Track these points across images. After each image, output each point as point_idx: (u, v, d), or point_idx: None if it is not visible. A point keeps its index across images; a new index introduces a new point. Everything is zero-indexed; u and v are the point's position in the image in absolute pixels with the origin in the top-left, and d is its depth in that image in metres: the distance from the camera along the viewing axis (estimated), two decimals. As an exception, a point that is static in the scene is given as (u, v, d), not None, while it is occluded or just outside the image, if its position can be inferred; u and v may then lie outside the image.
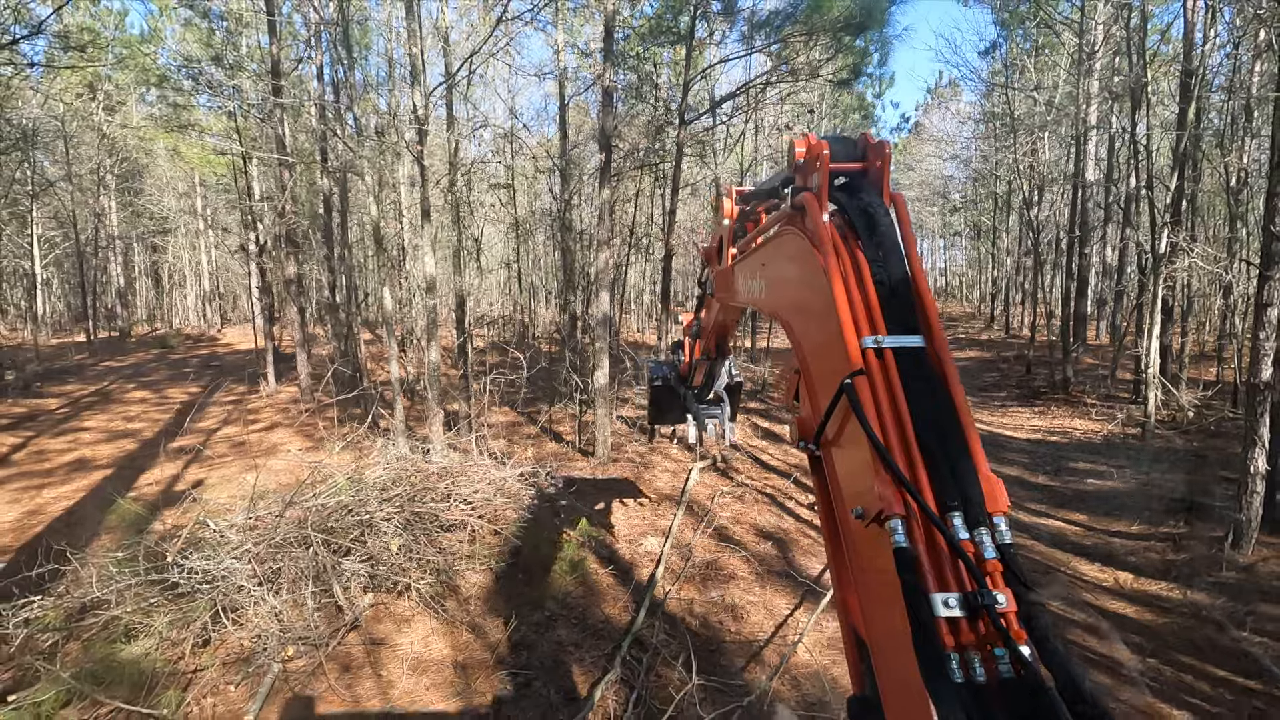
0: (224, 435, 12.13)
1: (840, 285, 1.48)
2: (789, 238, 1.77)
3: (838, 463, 1.50)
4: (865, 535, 1.33)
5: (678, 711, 4.33)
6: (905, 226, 1.55)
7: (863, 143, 1.65)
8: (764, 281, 2.06)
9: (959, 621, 1.14)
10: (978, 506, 1.23)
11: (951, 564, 1.19)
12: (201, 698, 4.24)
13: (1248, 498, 6.26)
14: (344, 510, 5.73)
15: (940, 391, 1.36)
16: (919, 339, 1.42)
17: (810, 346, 1.67)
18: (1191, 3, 12.57)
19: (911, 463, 1.28)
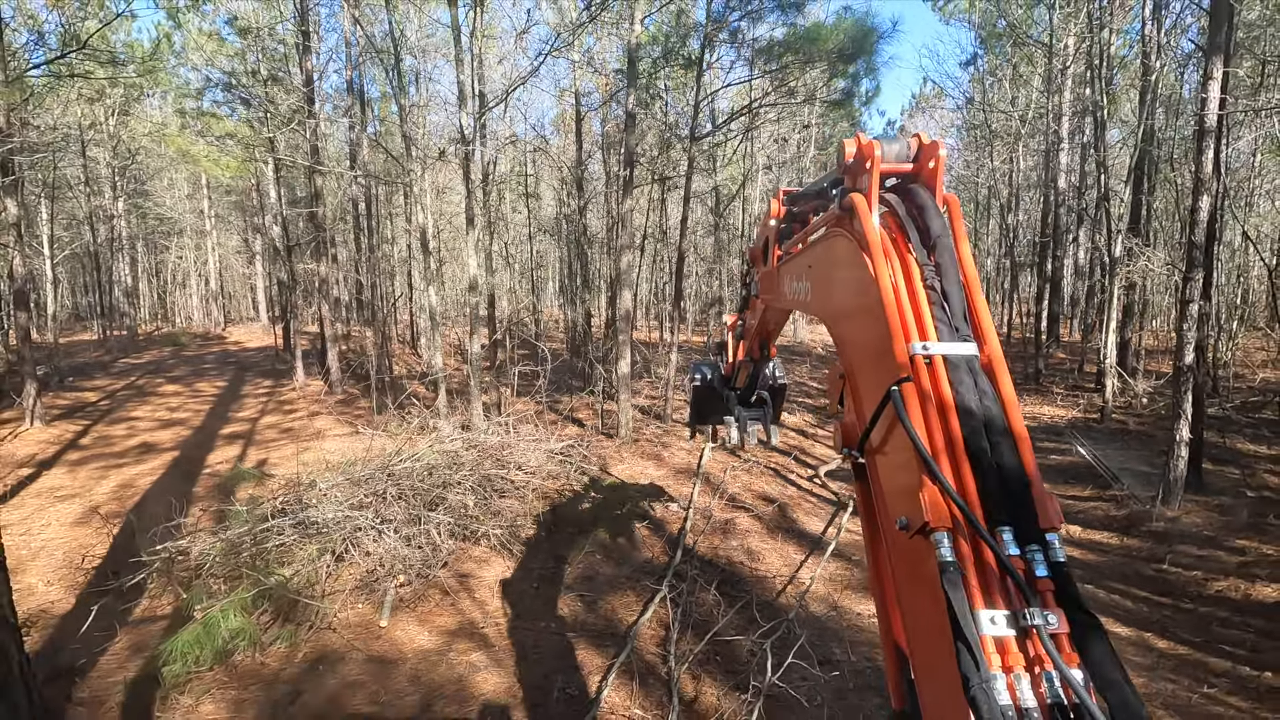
0: (267, 423, 13.13)
1: (889, 289, 1.44)
2: (837, 240, 1.73)
3: (882, 471, 1.45)
4: (909, 547, 1.29)
5: (718, 623, 5.52)
6: (958, 230, 1.50)
7: (915, 143, 1.60)
8: (810, 284, 2.03)
9: (1006, 641, 1.10)
10: (1030, 522, 1.19)
11: (1000, 580, 1.15)
12: (341, 610, 5.37)
13: (1174, 462, 7.56)
14: (427, 472, 6.86)
15: (993, 402, 1.31)
16: (972, 347, 1.38)
17: (856, 351, 1.62)
18: (1147, 30, 13.97)
19: (960, 475, 1.23)
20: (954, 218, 1.52)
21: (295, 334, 17.08)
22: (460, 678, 4.68)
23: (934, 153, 1.55)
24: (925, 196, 1.55)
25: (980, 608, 1.11)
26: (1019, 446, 1.24)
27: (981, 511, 1.19)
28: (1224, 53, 7.42)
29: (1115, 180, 16.04)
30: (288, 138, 16.93)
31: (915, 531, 1.24)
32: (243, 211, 32.33)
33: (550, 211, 20.46)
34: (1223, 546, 6.85)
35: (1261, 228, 15.46)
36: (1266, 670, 4.82)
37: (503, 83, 11.99)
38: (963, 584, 1.12)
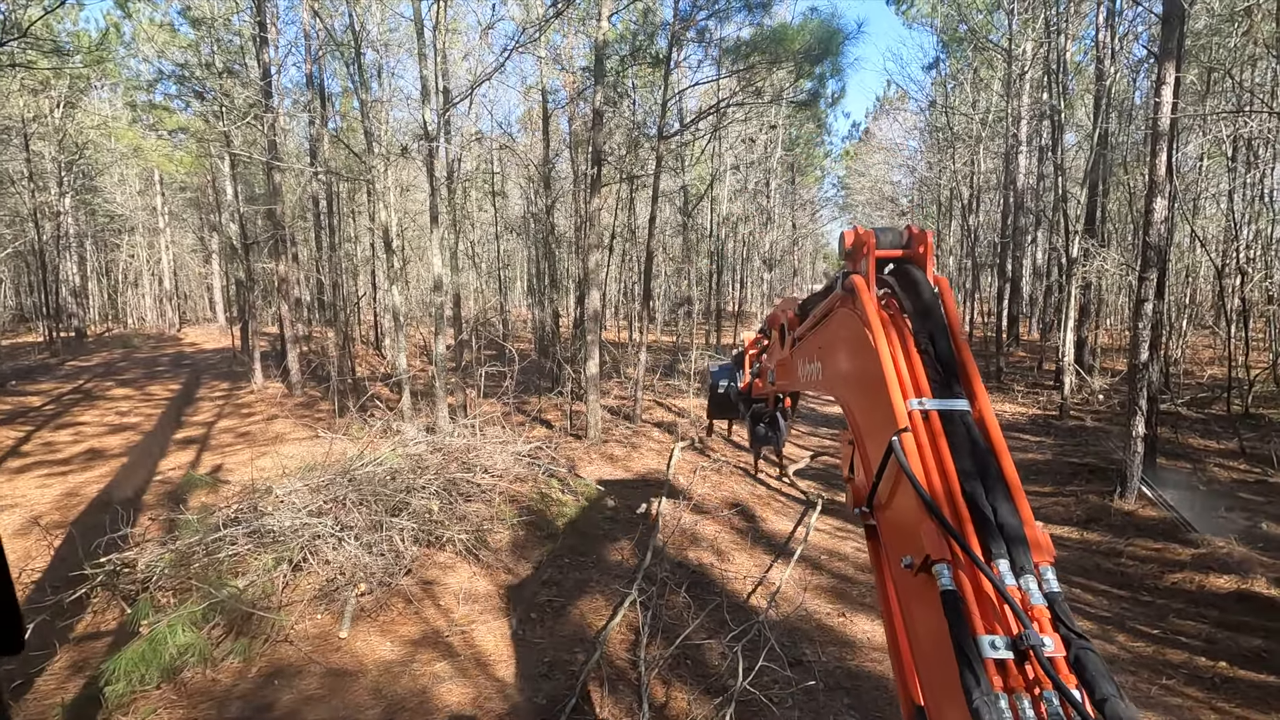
0: (224, 427, 12.71)
1: (887, 354, 1.61)
2: (842, 316, 1.94)
3: (889, 524, 1.56)
4: (915, 585, 1.38)
5: (688, 626, 5.46)
6: (949, 301, 1.70)
7: (907, 233, 1.85)
8: (820, 363, 2.21)
9: (1007, 664, 1.16)
10: (1023, 556, 1.28)
11: (998, 609, 1.23)
12: (299, 621, 5.18)
13: (1130, 456, 7.75)
14: (390, 477, 6.67)
15: (984, 450, 1.44)
16: (964, 402, 1.53)
17: (863, 416, 1.77)
18: (1101, 36, 14.37)
19: (957, 514, 1.34)
20: (944, 292, 1.73)
21: (254, 335, 16.57)
22: (424, 689, 4.54)
23: (924, 239, 1.81)
24: (918, 274, 1.78)
25: (981, 633, 1.19)
26: (1011, 490, 1.37)
27: (978, 547, 1.29)
28: (1175, 58, 7.63)
29: (1072, 183, 16.48)
30: (244, 133, 16.42)
31: (919, 568, 1.33)
32: (198, 209, 31.33)
33: (517, 210, 20.23)
34: (1177, 539, 7.04)
35: (1208, 229, 16.02)
36: (1221, 660, 4.94)
37: (468, 79, 11.79)
38: (963, 611, 1.21)
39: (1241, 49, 12.49)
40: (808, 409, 14.30)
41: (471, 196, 16.82)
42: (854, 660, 5.12)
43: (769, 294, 27.07)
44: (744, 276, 29.02)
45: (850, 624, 5.64)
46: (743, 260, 27.02)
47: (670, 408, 13.12)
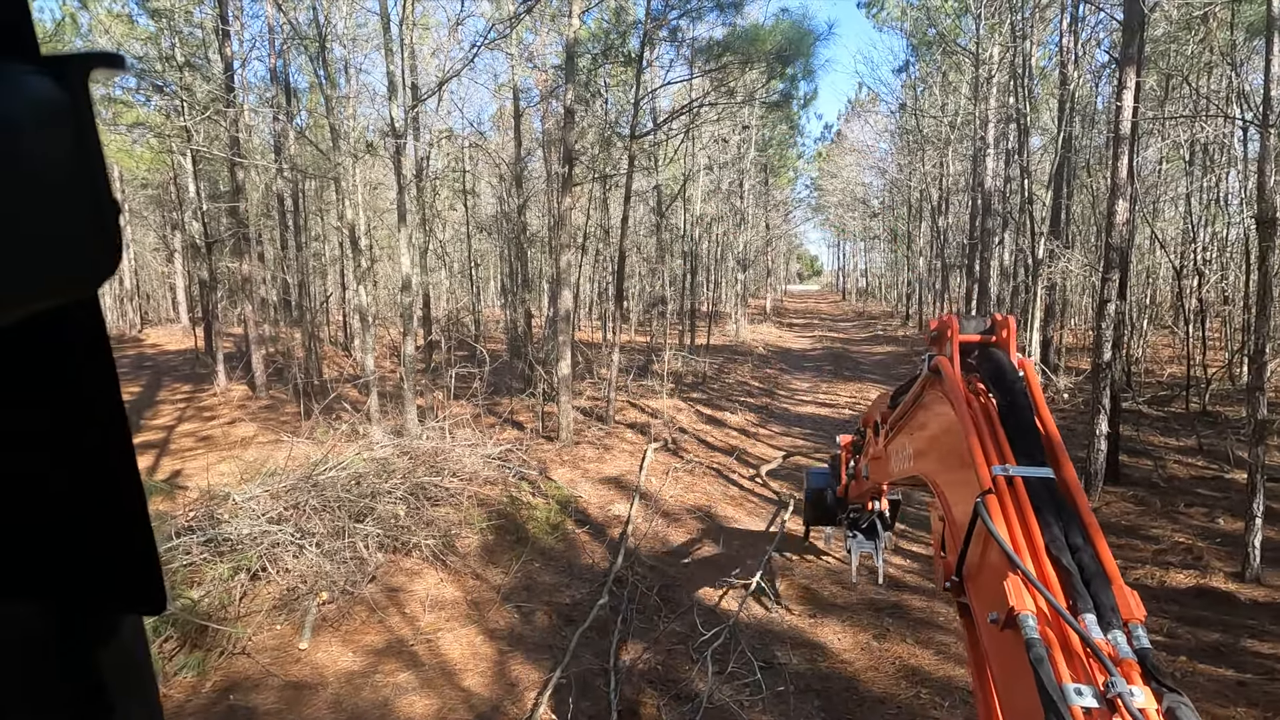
0: (184, 431, 12.36)
1: (971, 425, 1.68)
2: (931, 397, 2.07)
3: (978, 589, 1.58)
4: (1002, 640, 1.38)
5: (659, 630, 5.41)
6: (1033, 383, 1.83)
7: (990, 319, 2.01)
8: (912, 449, 2.34)
9: (1094, 713, 1.16)
10: (1111, 612, 1.30)
11: (1085, 661, 1.24)
12: (257, 633, 5.01)
13: (1094, 454, 7.88)
14: (354, 482, 6.51)
15: (1071, 514, 1.52)
16: (1048, 470, 1.60)
17: (950, 489, 1.84)
18: (1065, 41, 14.66)
19: (1042, 573, 1.38)
20: (1028, 372, 1.86)
21: (218, 336, 16.14)
22: (386, 701, 4.41)
23: (1007, 325, 1.97)
24: (1001, 356, 1.92)
25: (1066, 681, 1.21)
26: (1098, 552, 1.44)
27: (1063, 600, 1.32)
28: (1136, 64, 7.78)
29: (1037, 185, 16.79)
30: (207, 128, 15.98)
31: (1004, 623, 1.35)
32: (160, 206, 30.47)
33: (489, 209, 20.01)
34: (1139, 535, 7.18)
35: (1168, 231, 16.45)
36: (1181, 655, 5.03)
37: (437, 75, 11.61)
38: (1049, 660, 1.23)
39: (1198, 56, 12.83)
40: (780, 409, 14.35)
41: (442, 195, 16.58)
42: (825, 663, 5.10)
43: (743, 294, 27.18)
44: (718, 277, 29.12)
45: (820, 626, 5.63)
46: (717, 260, 27.09)
47: (644, 409, 13.06)
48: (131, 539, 0.38)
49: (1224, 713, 4.36)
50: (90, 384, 0.36)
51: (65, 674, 0.37)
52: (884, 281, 49.11)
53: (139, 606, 0.39)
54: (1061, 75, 14.39)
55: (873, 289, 52.59)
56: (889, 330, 30.49)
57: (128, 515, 0.38)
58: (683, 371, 16.72)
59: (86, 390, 0.36)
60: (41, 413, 0.35)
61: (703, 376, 16.89)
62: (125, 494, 0.38)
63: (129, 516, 0.38)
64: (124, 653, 0.39)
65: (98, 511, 0.37)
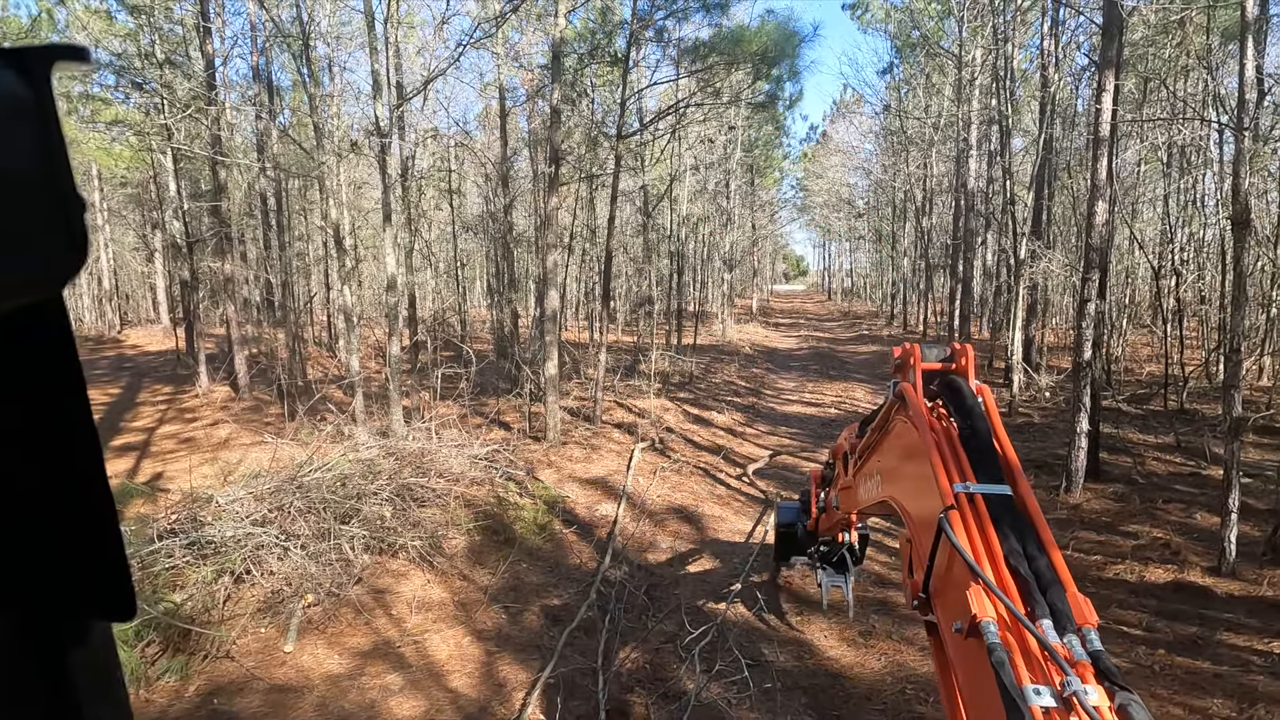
0: (166, 433, 12.20)
1: (934, 447, 1.80)
2: (896, 423, 2.18)
3: (943, 602, 1.68)
4: (966, 648, 1.47)
5: (647, 630, 5.42)
6: (990, 407, 1.95)
7: (950, 349, 2.17)
8: (879, 475, 2.45)
9: (1052, 712, 1.24)
10: (1066, 618, 1.39)
11: (1044, 664, 1.32)
12: (241, 636, 4.96)
13: (1075, 452, 8.00)
14: (340, 483, 6.46)
15: (1028, 527, 1.61)
16: (1006, 487, 1.71)
17: (916, 511, 1.93)
18: (1045, 45, 14.85)
19: (1002, 583, 1.46)
20: (986, 397, 1.97)
21: (199, 337, 15.95)
22: (373, 703, 4.39)
23: (965, 354, 2.08)
24: (961, 383, 2.02)
25: (1026, 683, 1.28)
26: (1054, 563, 1.52)
27: (1022, 607, 1.40)
28: (1114, 67, 7.91)
29: (1019, 186, 16.99)
30: (188, 126, 15.78)
31: (968, 631, 1.42)
32: (140, 205, 30.04)
33: (475, 209, 19.93)
34: (1119, 531, 7.29)
35: (1146, 232, 16.71)
36: (1159, 649, 5.11)
37: (422, 74, 11.55)
38: (1010, 664, 1.30)
39: (1175, 60, 13.05)
40: (767, 408, 14.42)
41: (427, 194, 16.49)
42: (812, 660, 5.14)
43: (729, 294, 27.26)
44: (705, 277, 29.20)
45: (808, 624, 5.67)
46: (703, 260, 27.16)
47: (631, 408, 13.07)
48: (100, 544, 0.37)
49: (1201, 704, 4.44)
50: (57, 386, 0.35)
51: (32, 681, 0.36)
52: (869, 281, 49.42)
53: (108, 613, 0.38)
54: (1042, 78, 14.58)
55: (858, 289, 52.94)
56: (874, 330, 30.71)
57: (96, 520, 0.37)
58: (670, 371, 16.75)
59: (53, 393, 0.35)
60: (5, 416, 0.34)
61: (689, 376, 16.93)
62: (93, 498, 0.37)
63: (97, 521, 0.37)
64: (93, 660, 0.38)
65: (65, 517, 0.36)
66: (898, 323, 30.80)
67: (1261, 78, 9.87)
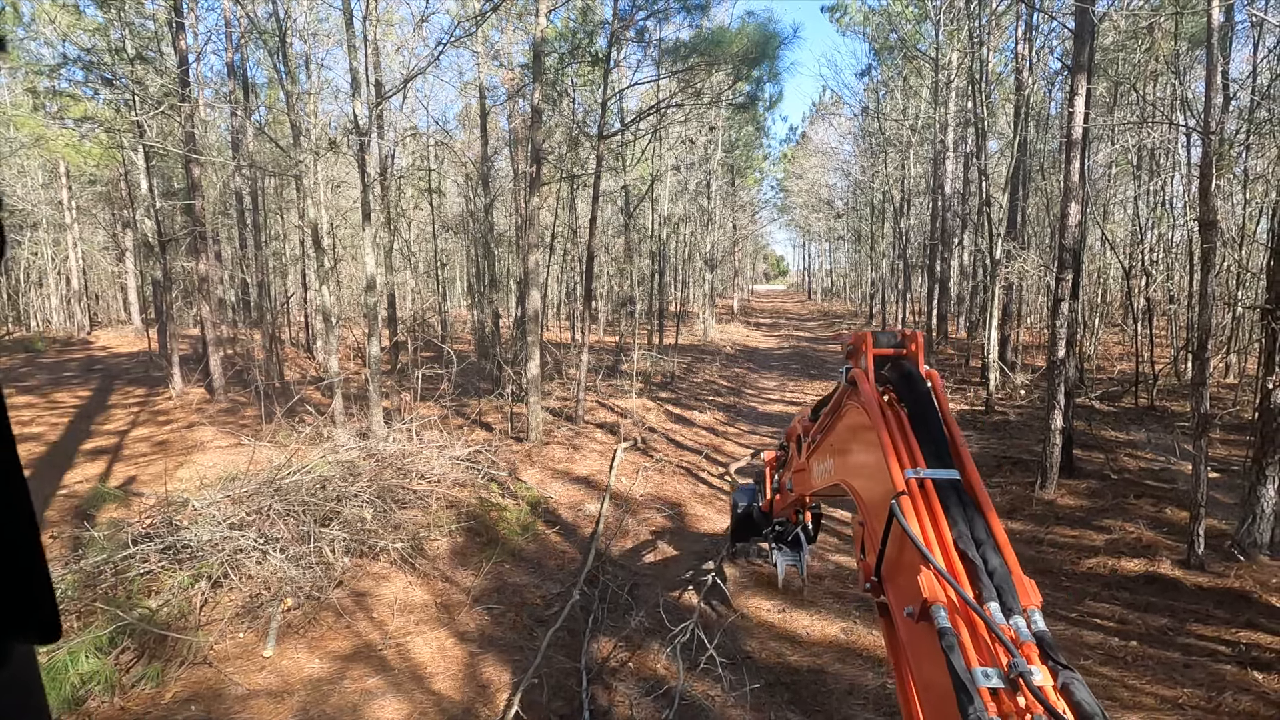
0: (139, 436, 11.96)
1: (885, 432, 1.82)
2: (848, 408, 2.20)
3: (894, 586, 1.71)
4: (917, 632, 1.50)
5: (630, 629, 5.42)
6: (940, 392, 1.96)
7: (901, 334, 2.18)
8: (832, 458, 2.47)
9: (1001, 694, 1.27)
10: (1012, 600, 1.42)
11: (991, 646, 1.35)
12: (219, 641, 4.89)
13: (1050, 448, 8.15)
14: (319, 485, 6.39)
15: (976, 513, 1.63)
16: (954, 472, 1.73)
17: (868, 496, 1.95)
18: (1019, 49, 15.10)
19: (950, 564, 1.50)
20: (935, 382, 1.99)
21: (172, 338, 15.65)
22: (355, 706, 4.35)
23: (915, 339, 2.11)
24: (912, 368, 2.03)
25: (975, 665, 1.31)
26: (1000, 545, 1.54)
27: (970, 590, 1.43)
28: (1086, 71, 8.07)
29: (995, 187, 17.26)
30: (160, 123, 15.48)
31: (920, 615, 1.46)
32: (110, 203, 29.40)
33: (455, 208, 19.78)
34: (1092, 526, 7.44)
35: (1117, 233, 17.07)
36: (1132, 640, 5.24)
37: (401, 72, 11.44)
38: (959, 647, 1.33)
39: (1145, 65, 13.34)
40: (748, 407, 14.50)
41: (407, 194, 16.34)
42: (794, 656, 5.19)
43: (710, 294, 27.36)
44: (686, 277, 29.27)
45: (790, 620, 5.72)
46: (685, 260, 27.23)
47: (613, 408, 13.07)
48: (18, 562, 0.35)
49: (1171, 693, 4.56)
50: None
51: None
52: (848, 281, 49.87)
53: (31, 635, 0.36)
54: (1017, 81, 14.83)
55: (838, 289, 53.39)
56: (853, 329, 30.98)
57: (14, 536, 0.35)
58: (651, 371, 16.77)
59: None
60: None
61: (671, 376, 16.97)
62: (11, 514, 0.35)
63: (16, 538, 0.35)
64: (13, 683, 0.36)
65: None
66: (876, 322, 31.12)
67: (1227, 83, 10.14)
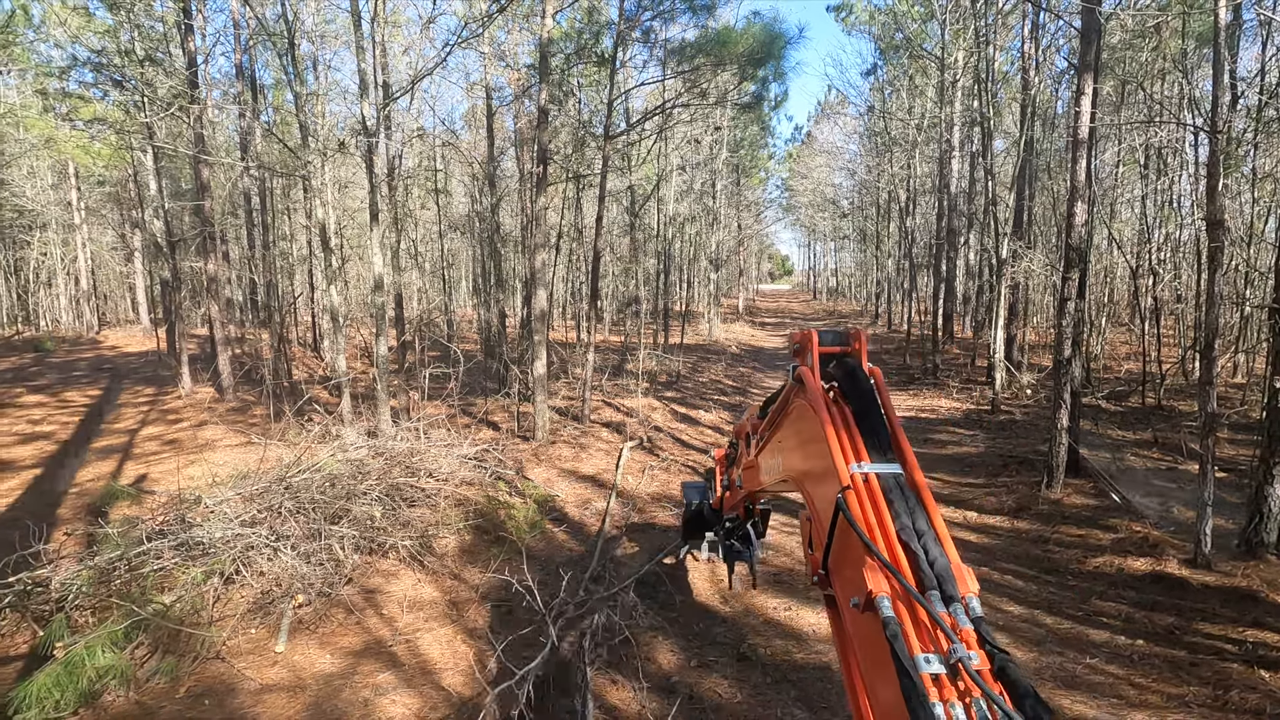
0: (149, 435, 12.06)
1: (831, 428, 1.88)
2: (795, 404, 2.24)
3: (841, 579, 1.75)
4: (863, 623, 1.54)
5: (637, 625, 5.46)
6: (882, 388, 2.02)
7: (845, 333, 2.26)
8: (780, 455, 2.51)
9: (942, 678, 1.33)
10: (952, 588, 1.47)
11: (932, 633, 1.41)
12: (231, 637, 4.95)
13: (1055, 447, 8.15)
14: (329, 483, 6.45)
15: (917, 505, 1.69)
16: (897, 466, 1.80)
17: (815, 491, 1.99)
18: (1026, 48, 15.07)
19: (894, 558, 1.55)
20: (878, 379, 2.04)
21: (181, 337, 15.76)
22: (366, 702, 4.40)
23: (859, 337, 2.19)
24: (856, 366, 2.09)
25: (917, 652, 1.36)
26: (939, 536, 1.59)
27: (913, 581, 1.48)
28: (1093, 70, 8.06)
29: (1001, 187, 17.24)
30: (169, 125, 15.59)
31: (865, 606, 1.50)
32: (119, 204, 29.58)
33: (462, 209, 19.85)
34: (1098, 525, 7.44)
35: (1124, 232, 17.02)
36: (1138, 639, 5.24)
37: (408, 73, 11.51)
38: (902, 635, 1.38)
39: (1152, 63, 13.30)
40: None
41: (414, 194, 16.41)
42: (799, 654, 5.21)
43: (716, 294, 27.38)
44: (691, 276, 29.28)
45: (796, 617, 5.75)
46: (690, 260, 27.25)
47: (619, 407, 13.11)
48: None
49: (1178, 690, 4.57)
50: None
51: None
52: (854, 281, 49.80)
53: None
54: (1023, 80, 14.80)
55: (843, 288, 53.30)
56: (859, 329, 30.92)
57: None
58: (657, 370, 16.81)
59: None
60: None
61: (677, 375, 17.00)
62: None
63: None
64: None
65: None
66: (882, 321, 31.08)
67: (1235, 82, 10.11)
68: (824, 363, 2.21)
